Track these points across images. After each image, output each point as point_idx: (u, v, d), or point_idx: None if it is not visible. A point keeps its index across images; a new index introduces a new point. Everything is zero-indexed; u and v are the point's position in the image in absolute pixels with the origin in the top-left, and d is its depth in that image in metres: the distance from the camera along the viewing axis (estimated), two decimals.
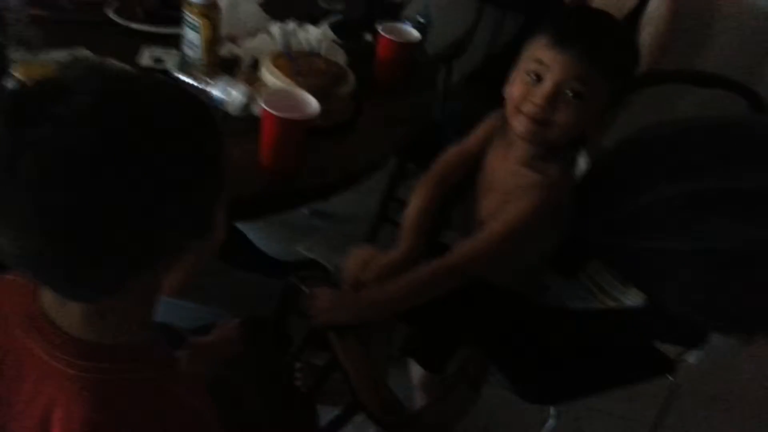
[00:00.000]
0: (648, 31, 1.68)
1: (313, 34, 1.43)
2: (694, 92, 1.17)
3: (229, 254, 1.80)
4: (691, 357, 1.18)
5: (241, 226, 1.92)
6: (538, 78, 0.99)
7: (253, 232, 2.02)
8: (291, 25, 1.45)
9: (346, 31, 1.56)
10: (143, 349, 0.67)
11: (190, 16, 1.29)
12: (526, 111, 1.01)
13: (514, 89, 1.03)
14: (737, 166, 1.00)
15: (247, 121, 1.23)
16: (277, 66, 1.27)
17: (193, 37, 1.31)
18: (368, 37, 1.54)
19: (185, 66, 1.28)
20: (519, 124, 1.03)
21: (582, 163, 1.26)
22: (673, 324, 1.09)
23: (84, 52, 1.33)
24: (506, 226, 1.05)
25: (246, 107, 1.24)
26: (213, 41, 1.32)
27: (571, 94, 0.97)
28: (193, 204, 0.62)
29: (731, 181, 0.99)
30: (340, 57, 1.47)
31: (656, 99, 1.39)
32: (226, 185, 0.67)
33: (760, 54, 2.17)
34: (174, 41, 1.39)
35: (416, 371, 1.46)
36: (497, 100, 1.76)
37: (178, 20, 1.35)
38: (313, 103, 1.13)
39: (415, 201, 1.20)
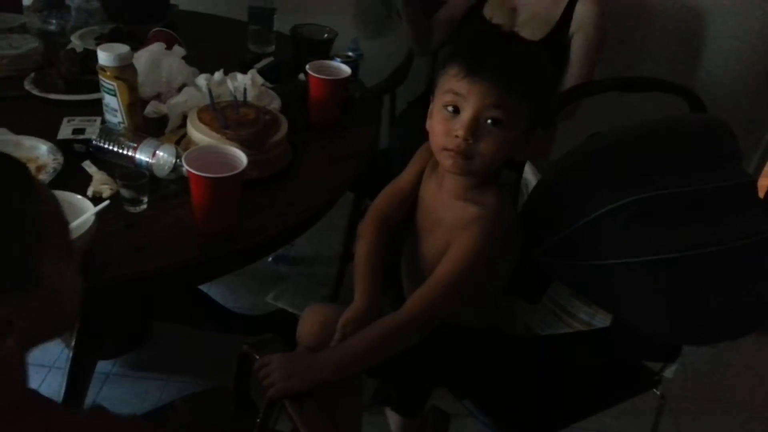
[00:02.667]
0: (578, 38, 1.66)
1: (242, 82, 1.38)
2: (644, 96, 1.14)
3: (193, 318, 1.73)
4: (668, 371, 1.13)
5: (203, 286, 1.85)
6: (456, 110, 0.96)
7: (217, 290, 1.95)
8: (217, 75, 1.39)
9: (278, 74, 1.52)
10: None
11: (105, 81, 1.23)
12: (450, 146, 0.97)
13: (435, 125, 1.00)
14: (680, 170, 0.97)
15: (178, 182, 1.17)
16: (203, 121, 1.21)
17: (111, 101, 1.25)
18: (302, 77, 1.49)
19: (107, 133, 1.21)
20: (445, 160, 1.00)
21: (531, 178, 1.22)
22: (643, 340, 1.04)
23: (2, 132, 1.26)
24: (453, 268, 1.00)
25: (177, 168, 1.17)
26: (133, 103, 1.26)
27: (490, 122, 0.95)
28: None
29: (676, 185, 0.95)
30: (273, 101, 1.42)
31: (608, 105, 1.36)
32: (49, 238, 0.65)
33: (695, 54, 2.18)
34: (98, 108, 1.33)
35: (393, 417, 1.39)
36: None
37: (98, 86, 1.29)
38: (241, 158, 1.07)
39: (360, 250, 1.15)
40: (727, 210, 0.98)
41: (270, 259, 2.16)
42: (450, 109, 0.97)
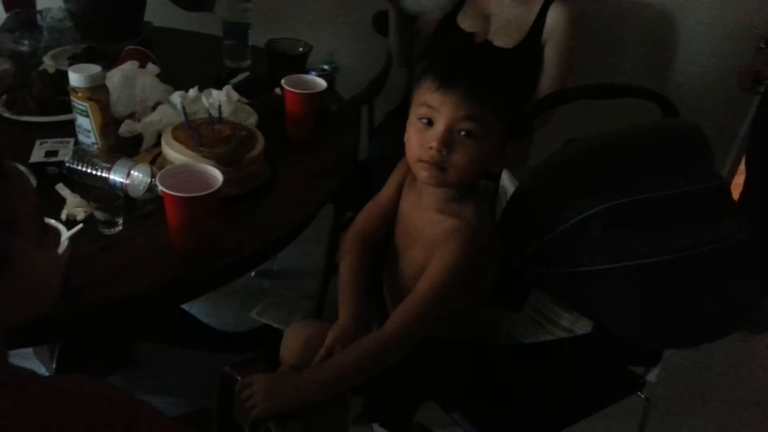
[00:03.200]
0: (551, 45, 1.67)
1: (217, 98, 1.37)
2: (618, 101, 1.15)
3: (176, 337, 1.71)
4: (651, 375, 1.14)
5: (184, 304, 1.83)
6: (430, 122, 0.97)
7: (200, 307, 1.94)
8: (192, 92, 1.39)
9: (253, 89, 1.51)
10: None
11: (77, 102, 1.22)
12: (424, 157, 0.98)
13: (411, 138, 1.00)
14: (655, 174, 0.97)
15: (154, 202, 1.16)
16: (178, 139, 1.20)
17: (83, 122, 1.24)
18: (278, 91, 1.49)
19: (80, 154, 1.20)
20: (421, 171, 1.00)
21: (508, 185, 1.22)
22: (625, 345, 1.04)
23: None
24: (433, 284, 1.00)
25: (152, 188, 1.16)
26: (106, 123, 1.24)
27: (463, 134, 0.95)
28: None
29: (651, 191, 0.96)
30: (250, 117, 1.41)
31: (583, 111, 1.37)
32: (19, 223, 0.64)
33: (669, 56, 2.21)
34: (71, 129, 1.31)
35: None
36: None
37: (71, 107, 1.27)
38: (217, 176, 1.06)
39: (343, 269, 1.14)
40: (702, 213, 0.98)
41: (253, 274, 2.15)
42: (424, 121, 0.97)
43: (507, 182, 1.21)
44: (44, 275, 0.69)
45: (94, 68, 1.23)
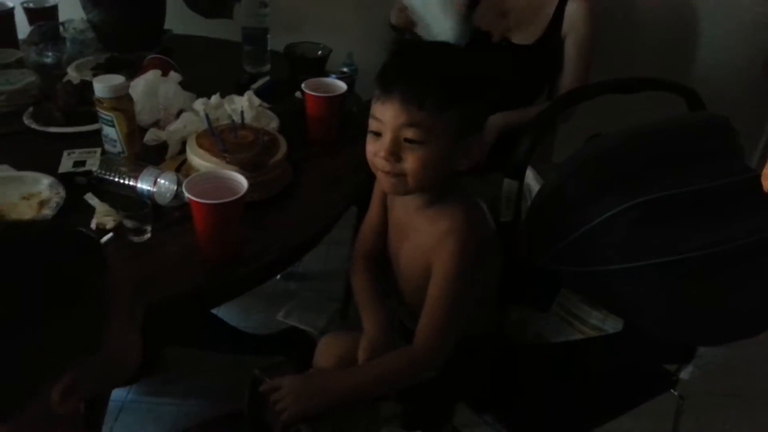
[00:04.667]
0: (570, 40, 1.66)
1: (239, 104, 1.38)
2: (642, 95, 1.13)
3: (204, 340, 1.73)
4: (684, 372, 1.12)
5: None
6: (378, 134, 0.97)
7: (227, 310, 1.95)
8: (214, 99, 1.40)
9: (274, 94, 1.52)
10: None
11: (103, 112, 1.24)
12: (379, 167, 0.99)
13: (367, 148, 1.01)
14: (683, 169, 0.96)
15: (181, 209, 1.17)
16: (202, 146, 1.21)
17: (110, 132, 1.26)
18: (298, 95, 1.50)
19: (107, 163, 1.21)
20: (382, 181, 1.01)
21: (533, 183, 1.21)
22: (657, 343, 1.03)
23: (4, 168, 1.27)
24: (442, 292, 1.00)
25: (178, 195, 1.17)
26: (132, 132, 1.26)
27: (407, 141, 0.95)
28: (57, 325, 0.65)
29: (679, 186, 0.94)
30: (271, 122, 1.42)
31: (606, 105, 1.36)
32: (115, 308, 0.70)
33: (691, 48, 2.17)
34: (97, 139, 1.33)
35: None
36: None
37: (97, 117, 1.29)
38: (242, 182, 1.07)
39: (357, 285, 1.16)
40: (734, 207, 0.97)
41: (278, 276, 2.16)
42: (374, 133, 0.98)
43: (532, 180, 1.20)
44: (130, 351, 0.75)
45: (119, 79, 1.25)
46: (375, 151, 0.98)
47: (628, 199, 0.95)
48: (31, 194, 1.19)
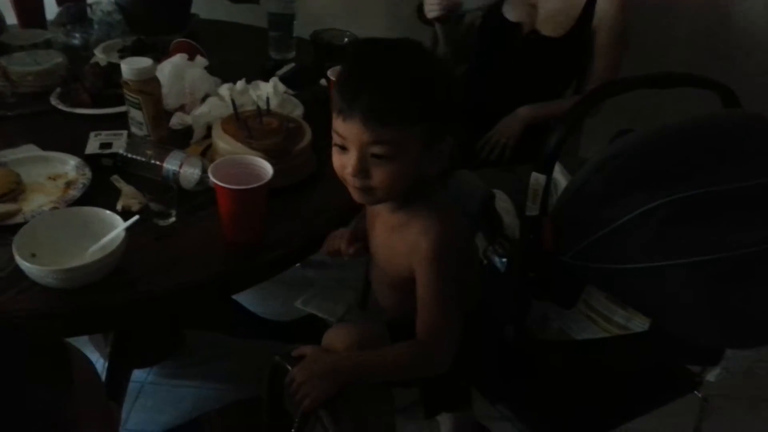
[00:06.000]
0: (601, 33, 1.63)
1: (264, 90, 1.38)
2: (673, 90, 1.11)
3: (224, 325, 1.74)
4: (710, 375, 1.10)
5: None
6: (344, 148, 0.95)
7: (248, 295, 1.96)
8: (240, 84, 1.40)
9: (299, 80, 1.52)
10: None
11: (130, 94, 1.24)
12: (348, 180, 0.97)
13: (334, 160, 0.99)
14: (715, 168, 0.93)
15: (205, 194, 1.17)
16: (227, 131, 1.21)
17: (136, 114, 1.26)
18: (323, 82, 1.49)
19: (133, 146, 1.22)
20: (352, 193, 0.99)
21: (560, 178, 1.20)
22: (683, 344, 1.01)
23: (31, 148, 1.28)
24: (434, 291, 0.99)
25: (202, 180, 1.17)
26: (158, 115, 1.26)
27: (374, 158, 0.92)
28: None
29: (711, 185, 0.92)
30: (296, 108, 1.41)
31: (635, 99, 1.33)
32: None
33: (725, 44, 2.13)
34: (124, 121, 1.34)
35: (446, 420, 1.38)
36: (464, 125, 1.72)
37: (124, 99, 1.30)
38: (267, 168, 1.07)
39: None
40: (766, 208, 0.94)
41: (298, 264, 2.16)
42: (339, 147, 0.96)
43: (559, 175, 1.18)
44: None
45: (146, 61, 1.25)
46: (342, 165, 0.96)
47: (658, 196, 0.93)
48: (58, 175, 1.20)
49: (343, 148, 0.95)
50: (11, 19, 1.81)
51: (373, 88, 0.89)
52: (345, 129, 0.92)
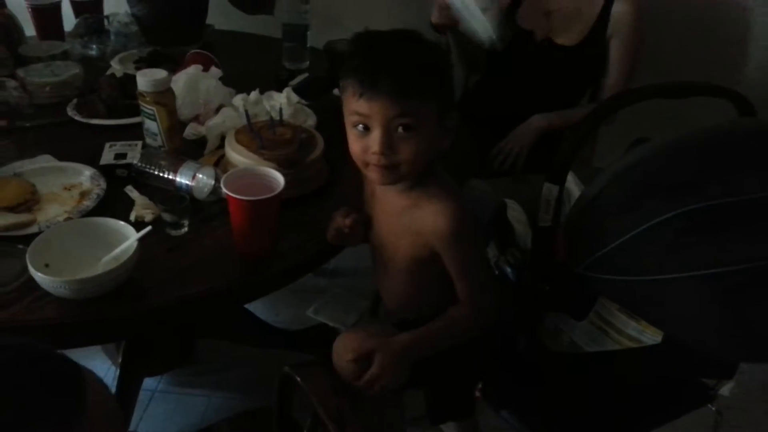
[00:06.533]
0: (616, 40, 1.62)
1: (278, 101, 1.38)
2: (689, 98, 1.10)
3: (235, 333, 1.75)
4: (724, 389, 1.09)
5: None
6: (366, 128, 0.98)
7: (259, 304, 1.96)
8: (253, 95, 1.40)
9: (313, 90, 1.52)
10: None
11: (145, 106, 1.25)
12: (372, 161, 1.00)
13: (353, 146, 1.02)
14: (730, 179, 0.92)
15: (218, 204, 1.18)
16: (240, 142, 1.22)
17: (151, 125, 1.27)
18: (336, 92, 1.49)
19: (147, 157, 1.23)
20: (372, 174, 1.02)
21: (573, 188, 1.19)
22: (697, 357, 1.00)
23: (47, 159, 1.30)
24: (461, 260, 1.05)
25: (216, 190, 1.18)
26: (172, 126, 1.27)
27: (401, 130, 0.96)
28: None
29: (726, 195, 0.91)
30: (309, 118, 1.42)
31: (651, 107, 1.33)
32: None
33: (742, 51, 2.10)
34: (139, 132, 1.35)
35: (450, 430, 1.37)
36: (477, 134, 1.72)
37: (139, 110, 1.31)
38: (279, 179, 1.07)
39: None
40: None
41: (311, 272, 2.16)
42: (360, 128, 0.99)
43: (572, 185, 1.18)
44: None
45: (161, 73, 1.26)
46: (364, 147, 0.99)
47: (673, 207, 0.92)
48: (73, 185, 1.22)
49: (365, 130, 0.98)
50: (30, 30, 1.84)
51: (395, 65, 0.95)
52: (370, 107, 0.96)
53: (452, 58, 1.80)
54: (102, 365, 1.78)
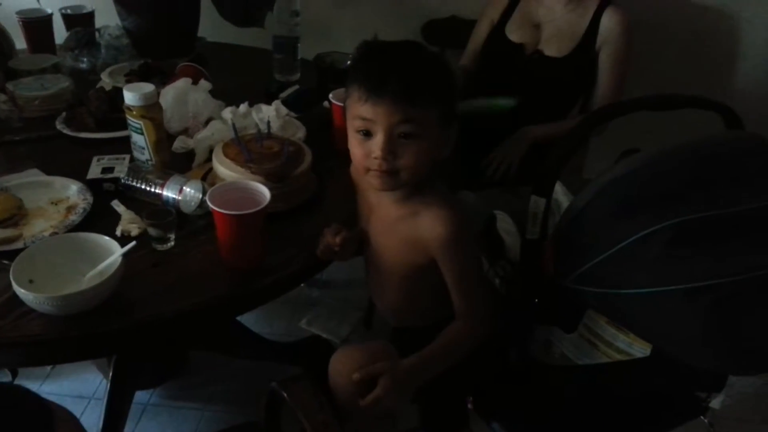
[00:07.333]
0: (605, 53, 1.62)
1: (267, 113, 1.38)
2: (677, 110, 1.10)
3: (227, 346, 1.74)
4: (714, 401, 1.08)
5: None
6: (368, 133, 1.00)
7: (251, 315, 1.96)
8: (242, 108, 1.40)
9: (302, 103, 1.52)
10: None
11: (132, 120, 1.25)
12: (373, 166, 1.01)
13: (353, 149, 1.04)
14: (719, 191, 0.92)
15: (206, 218, 1.17)
16: (228, 156, 1.21)
17: (138, 139, 1.27)
18: (326, 104, 1.49)
19: (134, 171, 1.22)
20: (373, 180, 1.03)
21: (562, 198, 1.18)
22: (686, 369, 0.99)
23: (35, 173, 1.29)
24: (458, 268, 1.06)
25: (203, 204, 1.17)
26: (160, 140, 1.27)
27: (403, 137, 0.98)
28: None
29: (715, 207, 0.91)
30: (298, 131, 1.42)
31: (640, 119, 1.33)
32: None
33: (729, 64, 2.11)
34: (128, 145, 1.34)
35: None
36: (468, 146, 1.72)
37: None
38: (265, 193, 1.07)
39: None
40: None
41: (302, 284, 2.16)
42: (362, 133, 1.00)
43: (561, 195, 1.18)
44: None
45: (148, 87, 1.26)
46: (366, 152, 1.01)
47: (660, 220, 0.92)
48: (60, 199, 1.21)
49: (367, 135, 1.00)
50: (21, 44, 1.84)
51: (401, 72, 0.97)
52: (374, 112, 0.98)
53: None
54: (94, 379, 1.78)
